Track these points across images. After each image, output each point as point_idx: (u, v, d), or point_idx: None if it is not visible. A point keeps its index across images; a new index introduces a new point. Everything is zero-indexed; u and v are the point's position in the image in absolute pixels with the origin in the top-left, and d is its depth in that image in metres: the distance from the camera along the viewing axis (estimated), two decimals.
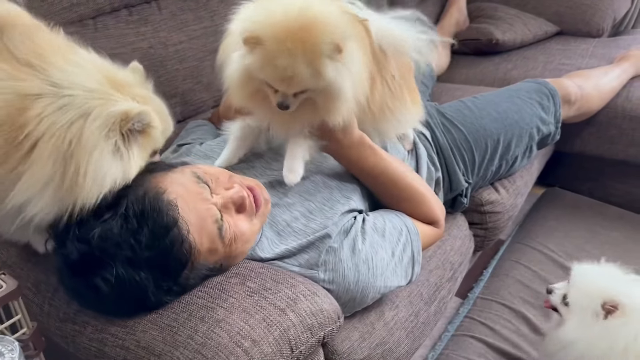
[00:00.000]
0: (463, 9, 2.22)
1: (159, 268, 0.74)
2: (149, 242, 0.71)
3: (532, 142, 1.44)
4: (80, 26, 1.11)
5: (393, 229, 1.02)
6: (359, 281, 0.93)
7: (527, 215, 1.88)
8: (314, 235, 0.93)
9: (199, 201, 0.78)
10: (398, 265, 0.99)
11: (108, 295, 0.73)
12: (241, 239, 0.84)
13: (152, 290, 0.74)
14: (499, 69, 1.99)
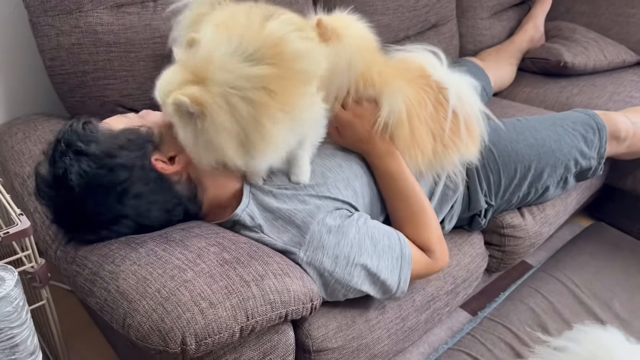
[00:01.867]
0: (540, 26, 2.16)
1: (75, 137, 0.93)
2: (64, 136, 0.93)
3: (567, 173, 1.41)
4: (141, 7, 1.24)
5: (388, 247, 1.05)
6: (334, 273, 0.99)
7: (563, 246, 1.83)
8: (304, 211, 1.00)
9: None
10: (378, 280, 1.03)
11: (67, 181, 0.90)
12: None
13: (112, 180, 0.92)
14: (563, 92, 1.93)
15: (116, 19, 1.20)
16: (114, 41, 1.21)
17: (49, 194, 0.91)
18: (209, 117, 0.84)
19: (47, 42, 1.18)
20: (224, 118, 0.84)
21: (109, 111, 1.28)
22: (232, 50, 0.86)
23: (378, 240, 1.04)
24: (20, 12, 1.20)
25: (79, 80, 1.22)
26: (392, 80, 1.13)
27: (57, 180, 0.90)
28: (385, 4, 1.69)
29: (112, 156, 0.92)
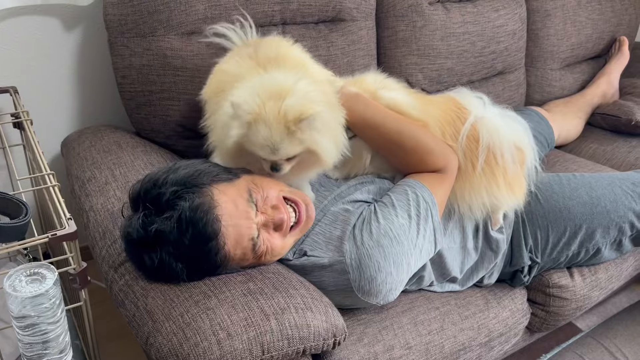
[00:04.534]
0: (614, 82, 2.09)
1: (195, 266, 0.90)
2: (191, 245, 0.88)
3: (622, 236, 1.35)
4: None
5: (398, 194, 1.10)
6: (387, 255, 1.00)
7: (617, 313, 1.73)
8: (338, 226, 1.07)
9: (242, 219, 0.93)
10: (419, 222, 1.07)
11: (148, 268, 0.91)
12: (272, 253, 0.99)
13: (183, 277, 0.90)
14: (632, 152, 1.85)
15: (185, 45, 1.29)
16: (181, 65, 1.29)
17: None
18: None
19: (121, 61, 1.28)
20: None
21: (170, 130, 1.35)
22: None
23: (390, 201, 1.08)
24: (102, 32, 1.30)
25: (145, 98, 1.31)
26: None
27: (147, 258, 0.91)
28: (449, 48, 1.69)
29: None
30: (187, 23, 1.28)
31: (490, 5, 1.77)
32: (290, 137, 0.94)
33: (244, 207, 0.94)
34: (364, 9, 1.55)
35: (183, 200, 0.89)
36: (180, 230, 0.87)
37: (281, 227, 0.99)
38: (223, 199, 0.92)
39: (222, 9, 1.31)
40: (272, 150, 0.95)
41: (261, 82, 0.98)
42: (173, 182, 0.92)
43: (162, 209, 0.89)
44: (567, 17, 1.99)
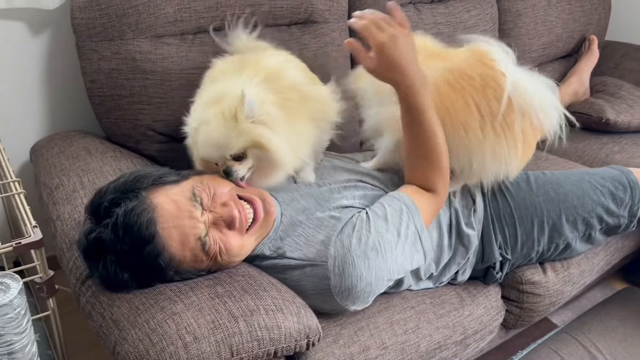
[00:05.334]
0: (585, 81, 2.13)
1: (140, 272, 0.90)
2: (130, 251, 0.87)
3: (591, 230, 1.37)
4: (180, 39, 1.31)
5: (394, 211, 1.09)
6: (370, 267, 1.00)
7: (592, 308, 1.75)
8: (322, 229, 1.05)
9: (185, 219, 0.92)
10: (405, 243, 1.07)
11: (100, 278, 0.91)
12: (229, 253, 0.97)
13: (133, 285, 0.90)
14: (603, 149, 1.88)
15: (155, 48, 1.28)
16: (150, 69, 1.28)
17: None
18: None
19: (89, 66, 1.27)
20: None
21: (141, 134, 1.34)
22: None
23: (385, 213, 1.07)
24: (70, 36, 1.29)
25: (115, 103, 1.30)
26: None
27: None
28: None
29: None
30: (157, 26, 1.27)
31: (461, 6, 1.78)
32: (231, 129, 0.95)
33: (186, 207, 0.93)
34: (335, 11, 1.56)
35: (118, 207, 0.89)
36: (117, 237, 0.87)
37: (234, 225, 0.97)
38: (163, 201, 0.92)
39: (192, 12, 1.31)
40: (216, 148, 0.96)
41: (209, 93, 1.01)
42: (112, 190, 0.92)
43: (101, 218, 0.90)
44: (537, 17, 2.02)
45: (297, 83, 1.14)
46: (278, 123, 0.99)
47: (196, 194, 0.95)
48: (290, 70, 1.15)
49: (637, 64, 2.22)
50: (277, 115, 0.99)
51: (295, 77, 1.15)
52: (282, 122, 1.00)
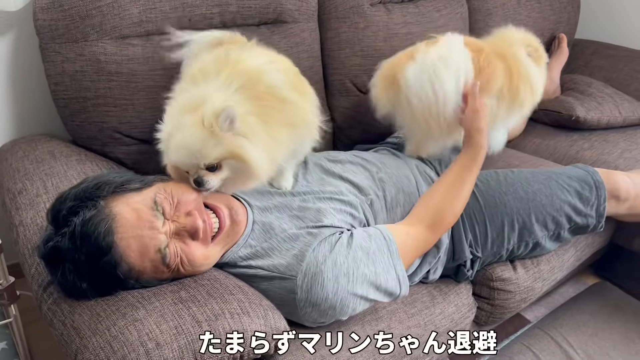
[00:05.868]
0: (555, 78, 2.15)
1: (99, 281, 0.88)
2: (88, 260, 0.86)
3: (560, 229, 1.38)
4: (145, 40, 1.29)
5: (377, 250, 1.07)
6: (338, 291, 0.99)
7: (564, 303, 1.78)
8: (298, 243, 1.03)
9: (145, 229, 0.90)
10: (381, 284, 1.05)
11: (59, 285, 0.90)
12: (192, 264, 0.95)
13: (92, 294, 0.88)
14: (573, 146, 1.90)
15: (120, 49, 1.26)
16: (115, 70, 1.26)
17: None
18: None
19: (53, 68, 1.24)
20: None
21: (107, 136, 1.32)
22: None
23: (368, 247, 1.06)
24: (33, 38, 1.26)
25: (80, 105, 1.28)
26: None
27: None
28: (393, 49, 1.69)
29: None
30: (121, 27, 1.25)
31: (431, 5, 1.79)
32: (208, 138, 0.91)
33: (147, 217, 0.91)
34: (305, 11, 1.55)
35: (76, 216, 0.87)
36: (75, 246, 0.86)
37: (197, 235, 0.95)
38: (123, 210, 0.90)
39: (157, 12, 1.29)
40: (190, 155, 0.93)
41: (185, 98, 0.97)
42: (72, 197, 0.90)
43: (59, 226, 0.89)
44: (507, 16, 2.03)
45: (276, 87, 1.07)
46: (257, 133, 0.96)
47: (158, 202, 0.93)
48: (271, 74, 1.08)
49: (606, 62, 2.25)
50: (256, 126, 0.96)
51: (276, 80, 1.08)
52: (261, 132, 0.97)
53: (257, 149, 0.95)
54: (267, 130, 0.99)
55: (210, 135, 0.91)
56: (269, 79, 1.06)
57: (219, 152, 0.93)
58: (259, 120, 0.97)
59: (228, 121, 0.90)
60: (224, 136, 0.92)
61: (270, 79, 1.06)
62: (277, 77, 1.08)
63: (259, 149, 0.95)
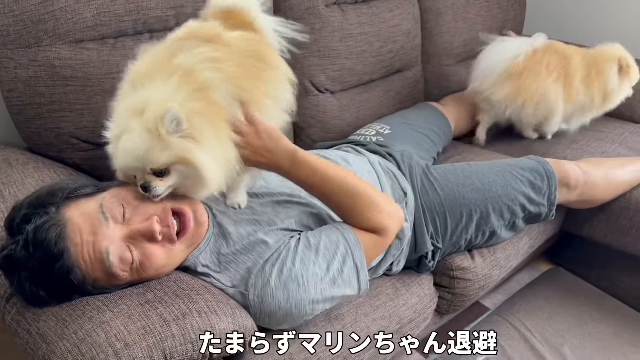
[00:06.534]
0: None
1: (55, 288, 0.87)
2: (42, 267, 0.86)
3: (515, 218, 1.44)
4: (100, 43, 1.28)
5: (329, 243, 1.07)
6: (289, 298, 0.99)
7: (520, 289, 1.85)
8: (248, 256, 1.03)
9: (90, 235, 0.89)
10: (337, 278, 1.05)
11: (18, 294, 0.89)
12: (151, 267, 0.94)
13: (52, 302, 0.88)
14: (524, 138, 1.97)
15: (74, 54, 1.24)
16: (70, 75, 1.24)
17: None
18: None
19: (5, 74, 1.22)
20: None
21: (64, 142, 1.30)
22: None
23: (317, 243, 1.05)
24: None
25: (34, 111, 1.25)
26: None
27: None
28: (348, 49, 1.74)
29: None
30: (75, 31, 1.24)
31: (384, 5, 1.83)
32: (154, 142, 0.86)
33: (92, 221, 0.90)
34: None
35: (29, 223, 0.87)
36: (28, 253, 0.85)
37: (155, 239, 0.93)
38: (74, 215, 0.90)
39: (111, 16, 1.28)
40: (135, 160, 0.88)
41: (133, 98, 0.91)
42: (26, 205, 0.90)
43: (14, 234, 0.89)
44: (457, 15, 2.10)
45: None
46: (205, 135, 0.90)
47: (104, 206, 0.92)
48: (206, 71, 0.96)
49: None
50: (203, 127, 0.90)
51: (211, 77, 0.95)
52: (209, 133, 0.91)
53: (206, 153, 0.89)
54: (215, 131, 0.92)
55: (157, 139, 0.86)
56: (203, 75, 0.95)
57: (166, 157, 0.88)
58: (204, 120, 0.91)
59: (174, 123, 0.86)
60: (171, 140, 0.87)
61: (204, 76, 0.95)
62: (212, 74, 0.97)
63: (209, 155, 0.90)
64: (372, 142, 1.58)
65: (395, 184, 1.38)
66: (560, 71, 1.79)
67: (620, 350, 1.57)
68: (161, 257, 0.95)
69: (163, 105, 0.86)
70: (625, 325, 1.66)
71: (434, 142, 1.76)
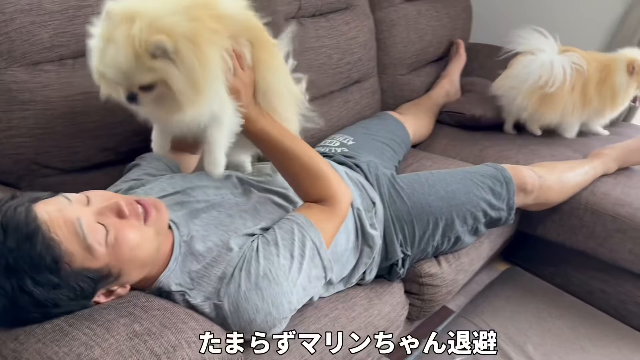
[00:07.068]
0: (456, 82, 2.31)
1: (35, 271, 0.83)
2: (16, 248, 0.81)
3: (477, 223, 1.50)
4: (59, 65, 1.24)
5: (284, 232, 1.07)
6: (265, 297, 0.97)
7: (481, 290, 1.91)
8: (218, 268, 1.01)
9: (57, 212, 0.87)
10: (302, 262, 1.05)
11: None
12: (126, 244, 0.91)
13: (39, 293, 0.84)
14: (477, 144, 2.05)
15: (32, 76, 1.20)
16: (29, 99, 1.20)
17: None
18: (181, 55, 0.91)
19: None
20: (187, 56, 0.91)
21: (23, 168, 1.25)
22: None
23: (275, 236, 1.06)
24: None
25: None
26: None
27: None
28: (308, 62, 1.76)
29: (57, 306, 0.87)
30: (32, 53, 1.19)
31: (341, 18, 1.86)
32: (138, 61, 0.89)
33: (62, 204, 0.89)
34: None
35: None
36: (4, 234, 0.81)
37: (123, 213, 0.92)
38: (38, 205, 0.87)
39: (69, 36, 1.24)
40: (123, 76, 0.91)
41: (120, 3, 0.92)
42: None
43: None
44: (410, 26, 2.16)
45: (228, 16, 1.01)
46: (188, 62, 0.92)
47: (66, 195, 0.92)
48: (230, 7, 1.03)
49: (499, 64, 2.44)
50: (188, 55, 0.91)
51: (230, 9, 1.02)
52: (192, 61, 0.92)
53: (185, 80, 0.92)
54: (202, 58, 0.93)
55: (143, 59, 0.89)
56: (228, 9, 1.01)
57: (150, 78, 0.92)
58: (196, 47, 0.92)
59: (160, 50, 0.88)
60: (155, 64, 0.90)
61: (230, 10, 1.02)
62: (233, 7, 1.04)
63: (187, 81, 0.93)
64: (338, 154, 1.61)
65: (364, 194, 1.40)
66: (578, 81, 1.89)
67: (578, 344, 1.65)
68: (134, 234, 0.93)
69: (153, 29, 0.87)
70: (581, 320, 1.75)
71: (395, 151, 1.80)
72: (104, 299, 0.94)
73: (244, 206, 1.18)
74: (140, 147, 1.41)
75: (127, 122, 1.36)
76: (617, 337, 1.70)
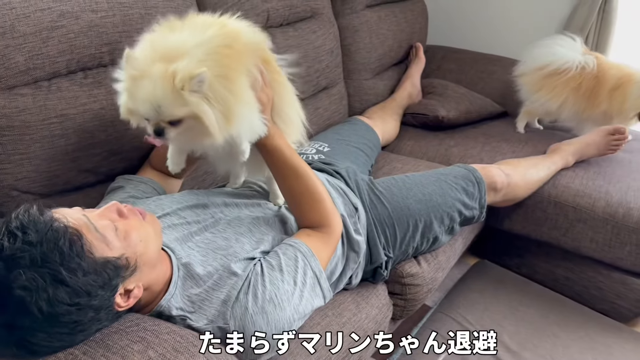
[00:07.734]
0: (417, 83, 2.38)
1: (66, 258, 0.82)
2: (40, 241, 0.80)
3: (453, 223, 1.56)
4: (34, 87, 1.21)
5: (288, 259, 1.10)
6: (269, 321, 1.00)
7: (454, 285, 1.98)
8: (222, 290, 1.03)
9: (69, 214, 0.89)
10: (303, 290, 1.08)
11: (27, 303, 0.79)
12: (135, 234, 0.94)
13: (74, 281, 0.82)
14: (442, 144, 2.12)
15: (8, 102, 1.16)
16: (6, 125, 1.16)
17: None
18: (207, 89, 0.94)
19: None
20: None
21: (3, 195, 1.22)
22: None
23: (279, 262, 1.08)
24: None
25: None
26: None
27: (14, 298, 0.79)
28: None
29: (89, 295, 0.85)
30: (7, 77, 1.16)
31: (307, 27, 1.89)
32: (174, 96, 0.92)
33: (64, 210, 0.90)
34: None
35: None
36: (20, 234, 0.80)
37: (122, 212, 0.96)
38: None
39: (44, 58, 1.21)
40: (155, 110, 0.94)
41: (162, 42, 0.96)
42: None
43: None
44: (372, 32, 2.21)
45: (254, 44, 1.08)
46: (220, 95, 0.96)
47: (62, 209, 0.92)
48: (251, 33, 1.10)
49: (455, 65, 2.54)
50: (219, 88, 0.96)
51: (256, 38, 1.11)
52: (224, 94, 0.96)
53: (217, 110, 0.96)
54: (229, 90, 0.98)
55: (177, 94, 0.92)
56: (247, 37, 1.07)
57: (183, 112, 0.95)
58: (228, 81, 0.97)
59: (199, 85, 0.92)
60: (191, 98, 0.93)
61: (249, 37, 1.08)
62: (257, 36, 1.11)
63: (218, 111, 0.96)
64: (316, 160, 1.63)
65: (346, 200, 1.44)
66: (588, 82, 1.95)
67: (550, 330, 1.74)
68: (140, 225, 0.96)
69: (195, 66, 0.91)
70: (550, 307, 1.85)
71: (368, 155, 1.85)
72: (123, 302, 0.93)
73: (239, 228, 1.19)
74: (118, 167, 1.40)
75: (105, 143, 1.35)
76: (583, 320, 1.81)
